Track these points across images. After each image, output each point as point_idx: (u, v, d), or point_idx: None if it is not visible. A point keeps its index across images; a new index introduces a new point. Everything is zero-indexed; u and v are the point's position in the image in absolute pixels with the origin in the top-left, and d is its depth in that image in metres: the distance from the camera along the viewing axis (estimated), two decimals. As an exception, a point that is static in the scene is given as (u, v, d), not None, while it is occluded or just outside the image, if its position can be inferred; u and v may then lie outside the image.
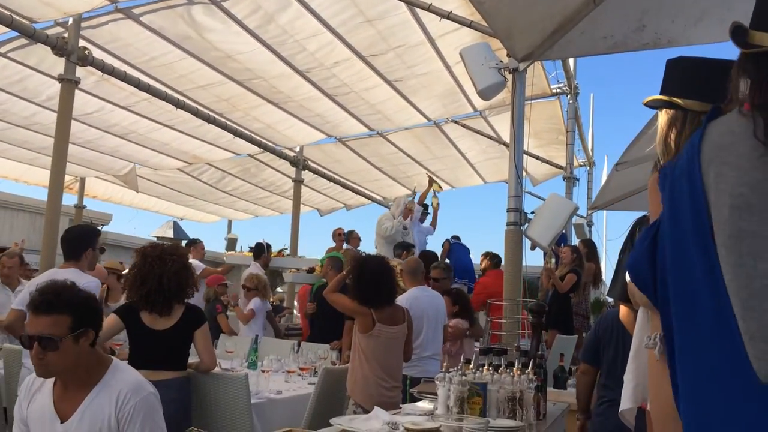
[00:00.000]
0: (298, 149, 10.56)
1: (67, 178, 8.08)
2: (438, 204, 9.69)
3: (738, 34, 1.29)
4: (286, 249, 9.46)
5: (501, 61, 5.55)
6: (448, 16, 5.97)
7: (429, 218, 9.81)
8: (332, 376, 4.36)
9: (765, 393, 1.08)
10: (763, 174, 1.13)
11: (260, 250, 8.20)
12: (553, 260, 8.27)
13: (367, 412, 3.56)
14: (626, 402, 2.35)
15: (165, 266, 3.79)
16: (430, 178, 9.87)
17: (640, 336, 2.34)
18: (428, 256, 7.43)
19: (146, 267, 3.81)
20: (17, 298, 4.48)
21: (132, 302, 3.82)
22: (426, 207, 9.73)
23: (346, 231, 9.27)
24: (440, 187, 9.94)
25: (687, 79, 2.30)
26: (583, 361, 3.98)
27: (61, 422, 2.28)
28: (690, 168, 1.22)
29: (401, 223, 8.49)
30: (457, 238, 9.75)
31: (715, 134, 1.22)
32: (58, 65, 6.40)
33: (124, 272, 6.88)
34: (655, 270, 1.33)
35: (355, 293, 4.23)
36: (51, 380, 2.35)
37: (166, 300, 3.75)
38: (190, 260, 8.06)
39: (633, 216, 2.25)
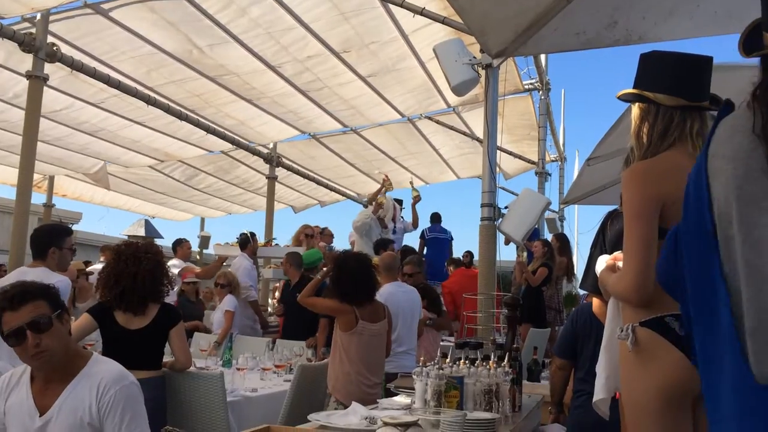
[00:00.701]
0: (271, 146, 10.50)
1: (35, 176, 7.93)
2: (417, 197, 9.49)
3: (754, 34, 1.31)
4: (275, 239, 9.36)
5: (474, 57, 5.58)
6: (422, 12, 5.98)
7: (407, 212, 9.71)
8: (308, 373, 4.35)
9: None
10: (756, 164, 1.16)
11: (245, 241, 8.14)
12: (525, 254, 8.35)
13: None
14: (599, 393, 2.38)
15: (139, 265, 3.75)
16: (385, 179, 9.54)
17: (612, 327, 2.38)
18: (406, 252, 7.46)
19: (120, 265, 3.76)
20: None
21: (105, 302, 3.77)
22: (400, 202, 9.65)
23: (320, 227, 9.22)
24: (414, 189, 9.57)
25: (658, 74, 2.33)
26: (558, 356, 3.98)
27: (40, 415, 2.26)
28: (699, 162, 1.25)
29: (369, 216, 8.44)
30: (437, 218, 9.61)
31: (721, 129, 1.25)
32: (25, 62, 6.28)
33: (88, 269, 6.81)
34: (678, 269, 1.35)
35: (337, 291, 4.24)
36: (27, 376, 2.34)
37: (140, 299, 3.71)
38: (174, 260, 8.04)
39: (604, 210, 2.29)
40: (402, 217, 9.49)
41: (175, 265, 8.07)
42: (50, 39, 6.26)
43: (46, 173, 11.08)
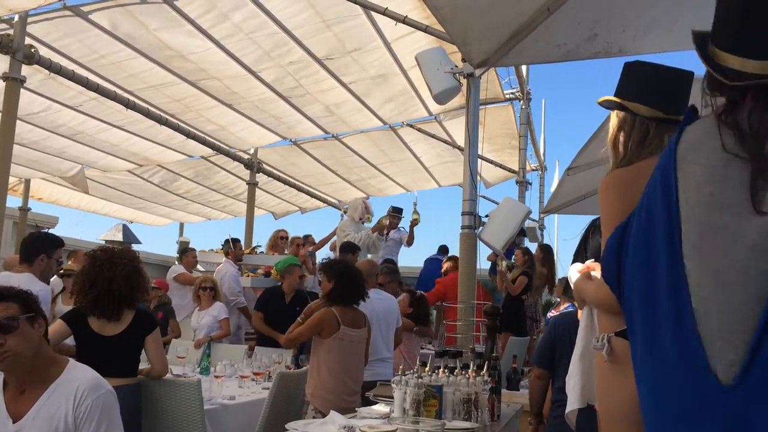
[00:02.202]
0: (252, 151, 10.45)
1: (11, 179, 7.81)
2: (416, 221, 9.38)
3: (701, 45, 1.34)
4: (260, 246, 9.29)
5: (456, 66, 5.60)
6: (404, 20, 6.00)
7: (405, 221, 9.63)
8: (287, 381, 4.33)
9: (726, 395, 1.10)
10: (731, 172, 1.18)
11: (230, 247, 8.12)
12: (505, 263, 8.37)
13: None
14: (573, 403, 2.38)
15: (115, 270, 3.71)
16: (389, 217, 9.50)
17: (586, 337, 2.38)
18: (386, 262, 7.48)
19: (95, 270, 3.72)
20: None
21: (80, 307, 3.71)
22: (399, 211, 9.48)
23: (297, 237, 9.16)
24: (416, 212, 9.47)
25: (638, 85, 2.35)
26: (537, 366, 4.00)
27: (14, 422, 2.23)
28: (665, 166, 1.26)
29: (369, 237, 8.40)
30: (444, 249, 9.66)
31: (691, 134, 1.27)
32: (2, 63, 6.19)
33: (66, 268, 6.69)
34: (620, 265, 1.36)
35: (326, 293, 4.31)
36: (0, 382, 2.31)
37: (115, 305, 3.66)
38: (177, 266, 7.92)
39: (584, 219, 2.30)
40: (402, 228, 9.44)
41: (175, 272, 8.04)
42: (28, 41, 6.17)
43: (22, 176, 10.91)
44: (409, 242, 9.40)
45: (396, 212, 9.28)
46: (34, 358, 2.27)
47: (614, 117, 2.38)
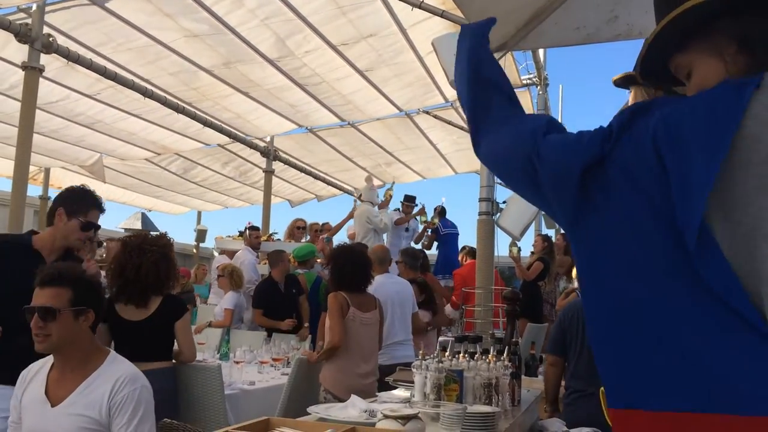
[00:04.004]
0: (268, 139, 10.46)
1: (31, 168, 7.89)
2: (431, 224, 9.27)
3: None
4: (276, 233, 9.34)
5: (473, 51, 5.55)
6: (420, 5, 5.95)
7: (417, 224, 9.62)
8: (306, 367, 4.35)
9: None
10: None
11: (248, 234, 8.20)
12: (517, 249, 8.34)
13: (339, 399, 3.58)
14: None
15: (144, 256, 3.75)
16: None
17: None
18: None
19: (125, 256, 3.77)
20: None
21: (109, 294, 3.77)
22: (412, 199, 9.47)
23: (315, 223, 9.21)
24: (434, 217, 9.42)
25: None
26: (550, 353, 4.03)
27: (52, 406, 2.31)
28: (731, 106, 1.08)
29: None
30: (444, 212, 9.52)
31: (761, 108, 1.08)
32: (21, 52, 6.23)
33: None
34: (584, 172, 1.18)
35: (333, 279, 4.40)
36: (46, 369, 2.39)
37: (142, 291, 3.70)
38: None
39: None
40: (417, 218, 9.45)
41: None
42: (46, 30, 6.21)
43: (41, 165, 11.02)
44: (416, 241, 9.39)
45: (408, 201, 9.30)
46: (71, 347, 2.34)
47: (630, 95, 2.37)
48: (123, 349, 3.51)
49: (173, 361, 3.84)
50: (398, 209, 9.33)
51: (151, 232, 4.05)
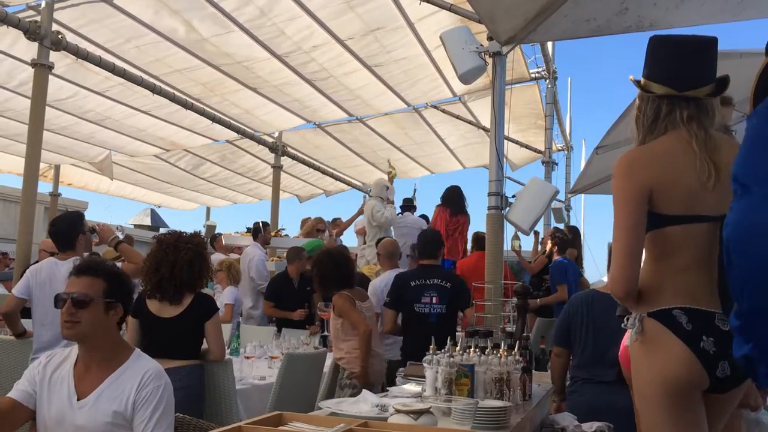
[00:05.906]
0: (276, 135, 10.46)
1: (41, 165, 7.93)
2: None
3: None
4: (284, 229, 9.37)
5: (481, 45, 5.53)
6: (428, -1, 5.93)
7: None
8: (297, 361, 4.39)
9: None
10: None
11: (257, 230, 8.17)
12: (519, 243, 8.35)
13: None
14: None
15: (179, 254, 3.78)
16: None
17: None
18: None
19: (160, 254, 3.80)
20: (17, 286, 4.43)
21: (140, 292, 3.81)
22: (411, 203, 9.43)
23: (329, 219, 9.22)
24: None
25: (652, 62, 2.33)
26: (555, 344, 4.10)
27: (78, 399, 2.34)
28: None
29: (392, 212, 8.41)
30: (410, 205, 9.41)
31: None
32: (30, 50, 6.25)
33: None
34: None
35: (329, 283, 4.65)
36: (72, 359, 2.42)
37: (176, 288, 3.73)
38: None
39: (611, 199, 2.29)
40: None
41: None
42: (55, 27, 6.21)
43: (51, 162, 11.07)
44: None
45: (409, 201, 9.25)
46: (97, 339, 2.39)
47: (638, 96, 2.41)
48: (152, 344, 3.53)
49: (199, 360, 3.86)
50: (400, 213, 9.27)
51: (182, 231, 4.07)
